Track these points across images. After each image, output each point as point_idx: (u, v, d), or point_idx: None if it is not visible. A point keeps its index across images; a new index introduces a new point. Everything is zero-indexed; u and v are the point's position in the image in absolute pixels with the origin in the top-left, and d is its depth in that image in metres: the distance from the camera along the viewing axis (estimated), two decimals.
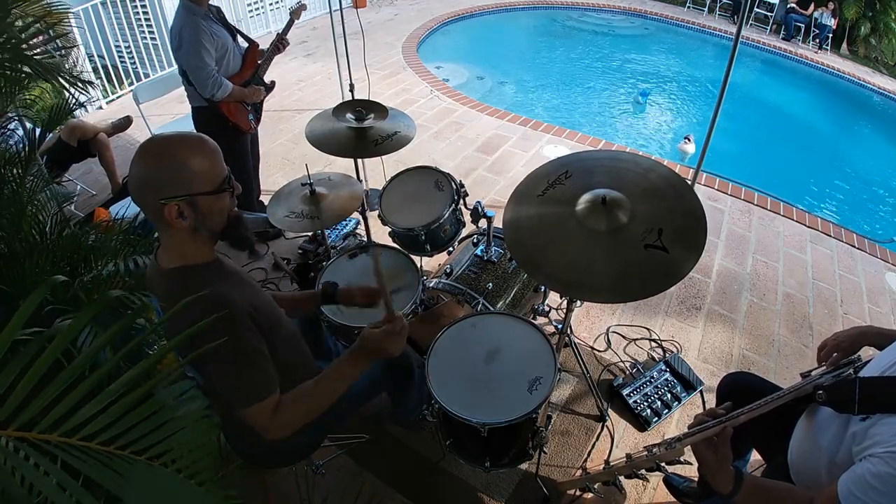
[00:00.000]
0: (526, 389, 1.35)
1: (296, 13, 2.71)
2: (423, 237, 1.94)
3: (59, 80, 1.61)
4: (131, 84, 4.91)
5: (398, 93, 4.94)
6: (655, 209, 1.33)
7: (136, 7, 5.33)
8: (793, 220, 3.36)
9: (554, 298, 2.39)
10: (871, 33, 7.78)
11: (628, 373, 2.22)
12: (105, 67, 4.83)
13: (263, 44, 2.71)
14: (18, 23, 1.66)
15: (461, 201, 2.00)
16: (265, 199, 3.01)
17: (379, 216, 1.99)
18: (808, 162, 5.33)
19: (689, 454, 1.18)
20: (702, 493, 1.57)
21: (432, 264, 2.63)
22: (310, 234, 2.84)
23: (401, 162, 3.14)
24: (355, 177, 2.42)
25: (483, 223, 1.99)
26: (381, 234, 2.35)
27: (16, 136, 2.23)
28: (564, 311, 1.68)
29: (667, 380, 2.15)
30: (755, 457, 1.57)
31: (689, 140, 4.74)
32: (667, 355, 2.29)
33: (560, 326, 1.79)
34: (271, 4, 6.71)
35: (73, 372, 0.76)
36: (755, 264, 2.95)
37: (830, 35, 7.59)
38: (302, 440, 1.36)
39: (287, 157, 3.87)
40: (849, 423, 0.97)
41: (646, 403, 2.07)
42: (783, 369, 2.33)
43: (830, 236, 3.25)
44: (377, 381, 1.49)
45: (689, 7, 8.50)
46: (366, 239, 2.56)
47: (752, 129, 5.74)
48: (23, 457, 0.71)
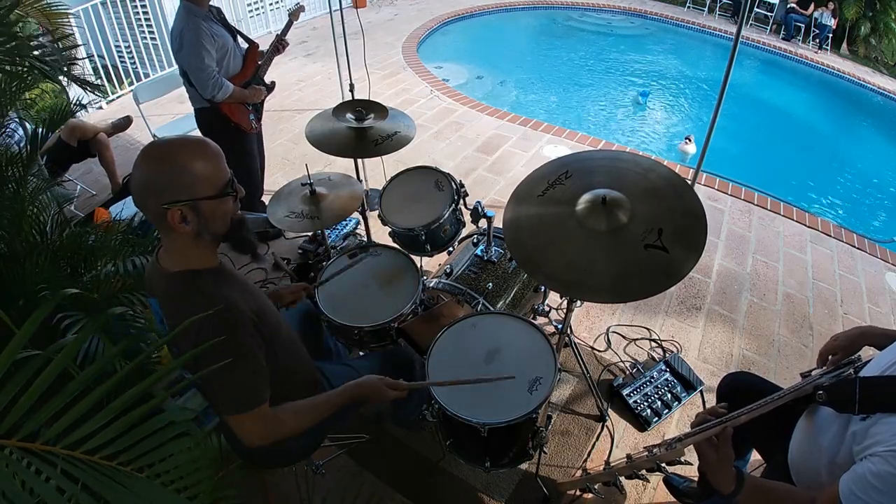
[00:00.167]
0: (526, 389, 1.35)
1: (294, 14, 2.72)
2: (423, 237, 1.94)
3: (75, 81, 1.61)
4: (131, 84, 4.92)
5: (398, 93, 4.94)
6: (655, 209, 1.33)
7: (136, 7, 5.33)
8: (793, 220, 3.36)
9: (554, 298, 2.39)
10: (871, 33, 7.78)
11: (628, 373, 2.22)
12: (105, 67, 4.83)
13: (263, 44, 2.71)
14: (31, 22, 1.66)
15: (461, 201, 2.00)
16: (265, 198, 3.01)
17: (379, 216, 1.99)
18: (808, 162, 5.32)
19: (689, 454, 1.18)
20: (702, 493, 1.56)
21: (432, 264, 2.63)
22: (310, 234, 2.84)
23: (401, 162, 3.14)
24: (355, 177, 2.42)
25: (483, 223, 1.98)
26: (381, 234, 2.35)
27: (16, 136, 2.23)
28: (564, 311, 1.68)
29: (667, 380, 2.15)
30: (755, 457, 1.57)
31: (689, 140, 4.74)
32: (667, 355, 2.29)
33: (560, 326, 1.79)
34: (271, 5, 6.72)
35: (78, 386, 0.76)
36: (755, 264, 2.95)
37: (830, 35, 7.59)
38: (302, 440, 1.35)
39: (287, 157, 3.87)
40: (849, 422, 0.97)
41: (646, 403, 2.07)
42: (783, 369, 2.33)
43: (830, 236, 3.25)
44: None
45: (689, 7, 8.50)
46: (366, 239, 2.56)
47: (753, 129, 5.74)
48: (25, 465, 0.71)
